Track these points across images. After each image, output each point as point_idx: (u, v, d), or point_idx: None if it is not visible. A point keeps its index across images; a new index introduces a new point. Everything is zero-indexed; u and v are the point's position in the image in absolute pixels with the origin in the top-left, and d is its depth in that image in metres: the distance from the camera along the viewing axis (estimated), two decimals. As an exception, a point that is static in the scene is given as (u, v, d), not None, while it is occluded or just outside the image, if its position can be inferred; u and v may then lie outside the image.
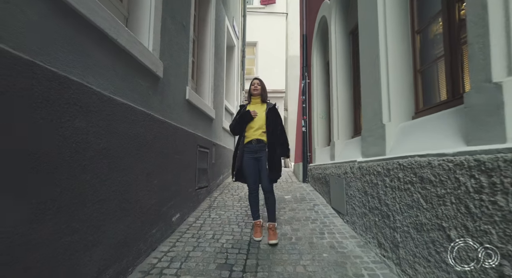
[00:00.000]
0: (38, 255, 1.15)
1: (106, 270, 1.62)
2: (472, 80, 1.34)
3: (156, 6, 2.35)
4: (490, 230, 1.15)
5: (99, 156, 1.54)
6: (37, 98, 1.13)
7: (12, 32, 1.03)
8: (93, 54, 1.51)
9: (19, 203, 1.06)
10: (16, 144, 1.05)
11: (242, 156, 2.66)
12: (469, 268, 1.26)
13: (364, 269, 1.96)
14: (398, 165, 1.87)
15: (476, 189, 1.22)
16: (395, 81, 2.23)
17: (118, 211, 1.75)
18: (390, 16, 2.30)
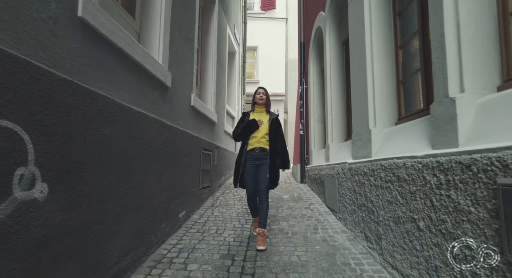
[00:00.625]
0: (74, 239, 1.40)
1: (125, 257, 1.87)
2: (436, 94, 1.59)
3: (165, 22, 2.61)
4: (446, 219, 1.39)
5: (120, 158, 1.79)
6: (76, 111, 1.39)
7: (54, 57, 1.29)
8: (114, 70, 1.77)
9: (63, 194, 1.31)
10: (65, 148, 1.30)
11: (245, 162, 2.74)
12: (431, 252, 1.51)
13: (352, 259, 2.21)
14: (381, 166, 2.12)
15: (437, 185, 1.47)
16: (380, 91, 2.48)
17: (134, 206, 2.00)
18: (376, 32, 2.55)
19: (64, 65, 1.33)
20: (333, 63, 3.89)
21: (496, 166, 1.11)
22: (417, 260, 1.65)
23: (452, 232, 1.35)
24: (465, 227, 1.27)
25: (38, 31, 1.19)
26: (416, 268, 1.66)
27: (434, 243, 1.49)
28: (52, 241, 1.26)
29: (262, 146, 2.72)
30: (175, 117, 2.81)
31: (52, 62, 1.26)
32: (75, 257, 1.40)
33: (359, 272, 1.99)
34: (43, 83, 1.19)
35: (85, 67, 1.48)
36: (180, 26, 2.98)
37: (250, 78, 11.27)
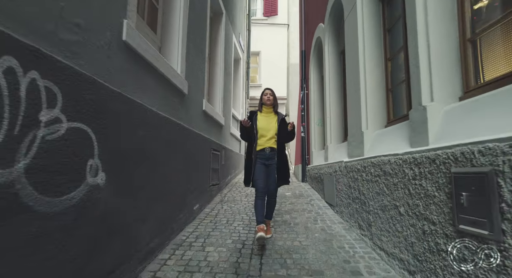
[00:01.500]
0: (120, 219, 1.75)
1: (153, 239, 2.21)
2: (413, 102, 1.94)
3: (183, 37, 2.97)
4: (419, 203, 1.73)
5: (150, 155, 2.15)
6: (122, 116, 1.74)
7: (108, 74, 1.65)
8: (146, 81, 2.12)
9: (113, 182, 1.66)
10: (115, 146, 1.65)
11: (255, 162, 2.82)
12: (408, 232, 1.85)
13: (346, 244, 2.54)
14: (371, 163, 2.46)
15: (413, 176, 1.81)
16: (372, 97, 2.83)
17: (160, 197, 2.35)
18: (368, 45, 2.91)
19: (114, 80, 1.68)
20: (332, 71, 4.24)
21: (451, 159, 1.45)
22: (398, 240, 1.99)
23: (423, 213, 1.69)
24: (431, 208, 1.61)
25: (100, 55, 1.55)
26: (397, 246, 2.00)
27: (411, 224, 1.83)
28: (107, 217, 1.61)
29: (271, 145, 2.82)
30: (190, 120, 3.16)
31: (107, 78, 1.61)
32: (120, 233, 1.75)
33: (351, 254, 2.32)
34: (102, 95, 1.55)
35: (127, 80, 1.84)
36: (194, 39, 3.35)
37: (253, 82, 11.65)
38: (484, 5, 1.70)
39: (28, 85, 1.09)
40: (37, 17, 1.14)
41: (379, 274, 1.99)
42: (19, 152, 1.06)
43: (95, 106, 1.48)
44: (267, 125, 2.87)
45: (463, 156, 1.37)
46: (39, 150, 1.14)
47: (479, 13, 1.74)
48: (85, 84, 1.41)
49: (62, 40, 1.27)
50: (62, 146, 1.26)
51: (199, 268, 2.06)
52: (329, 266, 2.10)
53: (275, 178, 2.81)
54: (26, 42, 1.08)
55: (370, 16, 2.93)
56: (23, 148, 1.07)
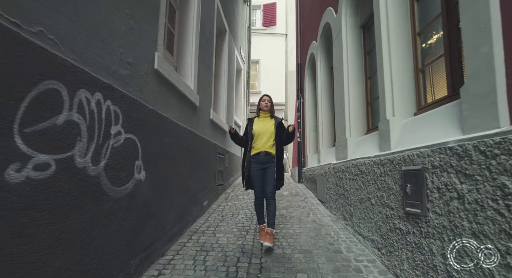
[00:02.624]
0: (153, 208, 2.26)
1: (174, 226, 2.72)
2: (381, 116, 2.48)
3: (195, 58, 3.51)
4: (383, 195, 2.26)
5: (172, 158, 2.67)
6: (155, 128, 2.27)
7: (146, 96, 2.18)
8: (169, 99, 2.65)
9: (149, 178, 2.18)
10: (151, 151, 2.17)
11: (249, 166, 2.89)
12: (377, 218, 2.37)
13: (332, 231, 3.05)
14: (352, 164, 2.98)
15: (380, 174, 2.34)
16: (354, 109, 3.36)
17: (180, 192, 2.87)
18: (351, 65, 3.45)
19: (149, 100, 2.21)
20: (323, 84, 4.79)
21: (402, 160, 1.98)
22: (370, 225, 2.51)
23: (386, 202, 2.21)
24: (391, 198, 2.14)
25: (140, 82, 2.08)
26: (370, 230, 2.51)
27: (379, 211, 2.35)
28: (146, 205, 2.12)
29: (267, 149, 2.86)
30: (200, 128, 3.69)
31: (145, 99, 2.14)
32: (154, 218, 2.27)
33: (336, 238, 2.84)
34: (142, 112, 2.07)
35: (158, 100, 2.37)
36: (203, 58, 3.89)
37: (252, 89, 12.20)
38: (428, 46, 2.25)
39: (106, 110, 1.62)
40: (108, 63, 1.67)
41: (355, 252, 2.50)
42: (101, 155, 1.58)
43: (139, 121, 2.01)
44: (263, 129, 2.91)
45: (409, 158, 1.90)
46: (110, 153, 1.66)
47: (426, 51, 2.29)
48: (134, 106, 1.93)
49: (121, 75, 1.80)
50: (121, 151, 1.79)
51: (212, 248, 2.57)
52: (317, 247, 2.61)
53: (274, 181, 2.82)
54: (104, 81, 1.61)
55: (353, 40, 3.48)
56: (103, 152, 1.60)
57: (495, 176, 1.23)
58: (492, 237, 1.24)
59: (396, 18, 2.44)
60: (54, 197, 1.26)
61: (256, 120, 3.05)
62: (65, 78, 1.31)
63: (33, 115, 1.15)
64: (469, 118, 1.45)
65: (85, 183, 1.46)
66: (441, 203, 1.58)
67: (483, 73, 1.35)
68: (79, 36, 1.41)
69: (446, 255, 1.52)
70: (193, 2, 3.55)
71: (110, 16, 1.68)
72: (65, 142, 1.32)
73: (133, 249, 1.95)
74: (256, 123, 2.99)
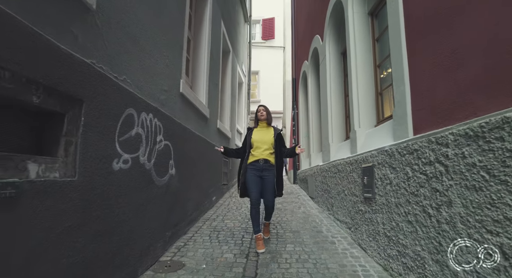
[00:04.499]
0: (180, 196, 3.00)
1: (192, 213, 3.46)
2: (351, 127, 3.24)
3: (206, 78, 4.28)
4: (352, 187, 3.01)
5: (191, 161, 3.42)
6: (181, 137, 3.03)
7: (175, 113, 2.94)
8: (189, 114, 3.41)
9: (177, 174, 2.93)
10: (178, 154, 2.92)
11: (245, 173, 2.92)
12: (348, 204, 3.11)
13: (317, 219, 3.79)
14: (333, 165, 3.74)
15: (349, 171, 3.09)
16: (336, 121, 4.13)
17: (196, 187, 3.61)
18: (333, 84, 4.23)
19: (177, 116, 2.97)
20: (313, 98, 5.58)
21: (362, 160, 2.74)
22: (344, 211, 3.25)
23: (354, 192, 2.96)
24: (356, 188, 2.88)
25: (171, 103, 2.84)
26: (344, 215, 3.25)
27: (349, 200, 3.09)
28: (175, 194, 2.87)
29: (266, 157, 2.91)
30: (209, 136, 4.45)
31: (175, 115, 2.90)
32: (180, 204, 3.01)
33: (319, 223, 3.57)
34: (173, 125, 2.84)
35: (181, 115, 3.13)
36: (212, 77, 4.68)
37: (252, 98, 13.00)
38: (384, 75, 3.04)
39: (154, 125, 2.38)
40: (155, 92, 2.44)
41: (333, 232, 3.24)
42: (152, 155, 2.34)
43: (172, 132, 2.77)
44: (262, 138, 2.99)
45: (366, 158, 2.66)
46: (156, 154, 2.42)
47: (383, 79, 3.07)
48: (168, 121, 2.70)
49: (161, 99, 2.57)
50: (162, 153, 2.54)
51: (223, 229, 3.30)
52: (304, 229, 3.35)
53: (273, 190, 2.86)
54: (153, 105, 2.37)
55: (335, 64, 4.27)
56: (153, 153, 2.35)
57: (404, 167, 1.99)
58: (403, 205, 1.99)
59: (362, 52, 3.23)
60: (129, 180, 2.01)
61: (255, 130, 3.11)
62: (135, 106, 2.08)
63: (123, 130, 1.91)
64: (396, 131, 2.22)
65: (143, 173, 2.21)
66: (381, 188, 2.33)
67: (401, 102, 2.12)
68: (141, 78, 2.19)
69: (384, 222, 2.27)
70: (204, 31, 4.35)
71: (156, 61, 2.46)
72: (135, 146, 2.08)
73: (167, 224, 2.69)
74: (255, 133, 3.06)
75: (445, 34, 1.67)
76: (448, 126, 1.59)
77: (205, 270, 2.25)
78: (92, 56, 1.60)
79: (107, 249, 1.76)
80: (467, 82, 1.49)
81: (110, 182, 1.78)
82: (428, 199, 1.72)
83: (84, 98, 1.53)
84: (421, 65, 1.91)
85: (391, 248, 2.17)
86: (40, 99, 1.28)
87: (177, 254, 2.57)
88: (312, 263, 2.41)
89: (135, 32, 2.07)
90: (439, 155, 1.63)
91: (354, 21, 3.31)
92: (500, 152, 1.24)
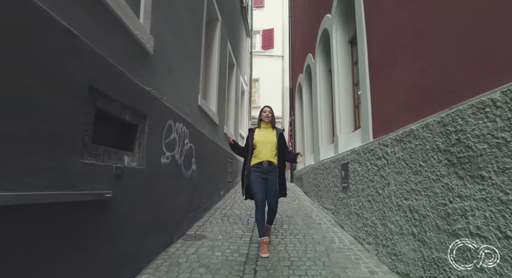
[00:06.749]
0: (199, 187, 3.79)
1: (206, 203, 4.23)
2: (335, 133, 4.04)
3: (216, 91, 5.09)
4: (335, 180, 3.80)
5: (206, 160, 4.21)
6: (199, 141, 3.83)
7: (196, 122, 3.74)
8: (204, 122, 4.21)
9: (197, 170, 3.71)
10: (197, 153, 3.71)
11: (249, 175, 2.94)
12: (332, 194, 3.91)
13: (309, 208, 4.57)
14: (321, 163, 4.53)
15: (333, 167, 3.88)
16: (325, 127, 4.93)
17: (208, 182, 4.39)
18: (323, 97, 5.04)
19: (196, 123, 3.76)
20: (307, 107, 6.40)
21: (341, 158, 3.53)
22: (329, 200, 4.04)
23: (336, 183, 3.75)
24: (337, 180, 3.67)
25: (193, 113, 3.64)
26: (330, 203, 4.04)
27: (333, 190, 3.88)
28: (195, 186, 3.66)
29: (269, 159, 2.92)
30: (218, 139, 5.24)
31: (194, 122, 3.69)
32: (198, 194, 3.79)
33: (310, 211, 4.35)
34: (194, 131, 3.63)
35: (199, 122, 3.92)
36: (220, 88, 5.49)
37: (253, 104, 13.83)
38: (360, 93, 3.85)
39: (183, 131, 3.17)
40: (183, 106, 3.24)
41: (320, 216, 4.02)
42: (182, 154, 3.13)
43: (194, 136, 3.56)
44: (265, 139, 3.00)
45: (344, 157, 3.45)
46: (184, 154, 3.21)
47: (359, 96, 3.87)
48: (191, 128, 3.49)
49: (186, 112, 3.37)
50: (188, 153, 3.33)
51: (231, 215, 4.08)
52: (297, 215, 4.13)
53: (277, 192, 2.89)
54: (182, 116, 3.17)
55: (324, 80, 5.09)
56: (182, 153, 3.15)
57: (366, 162, 2.79)
58: (365, 189, 2.78)
59: (343, 72, 4.05)
60: (169, 171, 2.80)
61: (257, 131, 3.11)
62: (172, 117, 2.87)
63: (166, 135, 2.70)
64: (363, 136, 3.02)
65: (177, 167, 3.00)
66: (353, 178, 3.12)
67: (365, 116, 2.92)
68: (175, 96, 2.99)
69: (355, 204, 3.06)
70: (214, 50, 5.17)
71: (183, 83, 3.26)
72: (172, 147, 2.87)
73: (190, 208, 3.47)
74: (258, 134, 3.06)
75: (388, 70, 2.48)
76: (388, 133, 2.39)
77: (222, 239, 3.02)
78: (150, 85, 2.40)
79: (158, 217, 2.54)
80: (398, 104, 2.29)
81: (160, 171, 2.57)
82: (378, 183, 2.51)
83: (147, 114, 2.32)
84: (377, 90, 2.71)
85: (358, 222, 2.95)
86: (128, 117, 2.07)
87: (198, 230, 3.34)
88: (301, 236, 3.19)
89: (172, 64, 2.88)
90: (384, 152, 2.43)
91: (337, 47, 4.13)
92: (409, 149, 2.04)
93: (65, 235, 1.42)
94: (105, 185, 1.74)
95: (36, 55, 1.23)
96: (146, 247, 2.32)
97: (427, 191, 1.81)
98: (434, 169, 1.75)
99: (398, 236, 2.16)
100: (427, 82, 1.92)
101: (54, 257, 1.36)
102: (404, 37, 2.23)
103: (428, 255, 1.79)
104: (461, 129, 1.53)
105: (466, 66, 1.57)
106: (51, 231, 1.33)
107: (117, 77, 1.88)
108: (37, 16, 1.22)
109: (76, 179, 1.49)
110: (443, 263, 1.65)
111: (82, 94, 1.53)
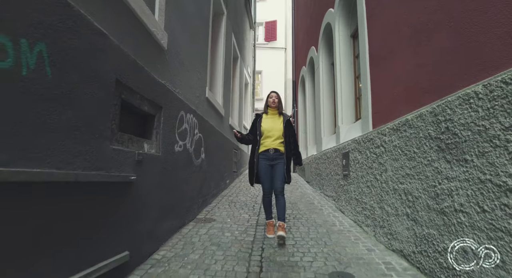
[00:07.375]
0: (208, 175, 4.00)
1: (213, 190, 4.46)
2: (336, 123, 4.22)
3: (222, 83, 5.25)
4: (336, 168, 4.00)
5: (213, 150, 4.41)
6: (207, 131, 4.02)
7: (204, 112, 3.93)
8: (211, 113, 4.39)
9: (206, 159, 3.92)
10: (206, 144, 3.91)
11: (258, 163, 2.98)
12: (333, 182, 4.11)
13: (311, 196, 4.79)
14: (323, 153, 4.73)
15: (335, 156, 4.07)
16: (327, 117, 5.11)
17: (216, 171, 4.61)
18: (325, 89, 5.19)
19: (204, 114, 3.95)
20: (309, 98, 6.55)
21: (342, 147, 3.72)
22: (331, 188, 4.25)
23: (337, 172, 3.95)
24: (338, 169, 3.87)
25: (201, 105, 3.83)
26: (331, 191, 4.25)
27: (334, 179, 4.08)
28: (204, 173, 3.87)
29: (276, 146, 2.94)
30: (224, 130, 5.44)
31: (203, 113, 3.88)
32: (207, 181, 4.01)
33: (312, 198, 4.57)
34: (203, 121, 3.82)
35: (207, 114, 4.11)
36: (226, 81, 5.65)
37: (256, 96, 13.95)
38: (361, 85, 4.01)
39: (193, 122, 3.37)
40: (193, 98, 3.42)
41: (322, 203, 4.24)
42: (192, 143, 3.33)
43: (203, 126, 3.76)
44: (272, 127, 2.98)
45: (345, 146, 3.64)
46: (194, 143, 3.41)
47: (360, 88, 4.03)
48: (200, 118, 3.68)
49: (195, 103, 3.55)
50: (197, 142, 3.53)
51: (238, 202, 4.30)
52: (300, 201, 4.35)
53: (283, 177, 2.91)
54: (192, 107, 3.35)
55: (327, 72, 5.24)
56: (193, 142, 3.35)
57: (365, 150, 2.97)
58: (365, 176, 2.98)
59: (345, 65, 4.20)
60: (182, 158, 3.00)
61: (265, 117, 3.07)
62: (184, 109, 3.06)
63: (179, 125, 2.90)
64: (363, 127, 3.20)
65: (188, 155, 3.21)
66: (353, 166, 3.32)
67: (366, 108, 3.10)
68: (186, 88, 3.17)
69: (355, 190, 3.26)
70: (220, 43, 5.32)
71: (192, 76, 3.43)
72: (184, 136, 3.06)
73: (200, 194, 3.69)
74: (265, 121, 3.04)
75: (386, 64, 2.64)
76: (386, 123, 2.57)
77: (230, 222, 3.25)
78: (164, 79, 2.58)
79: (172, 201, 2.76)
80: (396, 97, 2.47)
81: (174, 159, 2.77)
82: (377, 169, 2.71)
83: (162, 105, 2.51)
84: (377, 83, 2.88)
85: (358, 206, 3.16)
86: (147, 108, 2.26)
87: (208, 214, 3.57)
88: (304, 220, 3.41)
89: (183, 58, 3.05)
90: (382, 141, 2.61)
91: (340, 41, 4.27)
92: (405, 138, 2.22)
93: (101, 209, 1.64)
94: (129, 169, 1.95)
95: (77, 54, 1.41)
96: (163, 227, 2.54)
97: (420, 175, 2.00)
98: (426, 154, 1.93)
99: (394, 217, 2.36)
100: (422, 76, 2.08)
101: (93, 227, 1.57)
102: (402, 33, 2.38)
103: (419, 232, 2.00)
104: (449, 119, 1.71)
105: (456, 62, 1.73)
106: (91, 205, 1.54)
107: (138, 72, 2.07)
108: (78, 20, 1.40)
109: (107, 162, 1.69)
110: (431, 238, 1.85)
111: (111, 87, 1.72)
